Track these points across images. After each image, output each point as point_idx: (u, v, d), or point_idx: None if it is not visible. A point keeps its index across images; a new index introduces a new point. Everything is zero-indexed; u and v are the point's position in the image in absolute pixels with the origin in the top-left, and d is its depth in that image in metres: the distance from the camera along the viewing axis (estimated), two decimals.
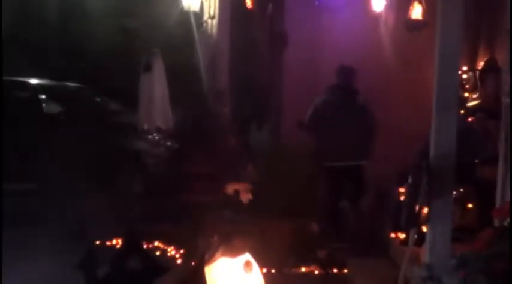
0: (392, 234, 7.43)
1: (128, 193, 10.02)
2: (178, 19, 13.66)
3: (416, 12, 9.25)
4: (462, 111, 7.25)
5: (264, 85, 12.51)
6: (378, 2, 10.08)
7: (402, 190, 7.17)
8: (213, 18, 13.06)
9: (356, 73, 8.37)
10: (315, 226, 8.48)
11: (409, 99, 9.42)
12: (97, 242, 8.05)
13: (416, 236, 5.64)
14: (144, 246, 7.49)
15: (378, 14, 10.22)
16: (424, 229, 5.79)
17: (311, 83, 9.81)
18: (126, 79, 12.82)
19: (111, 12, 16.08)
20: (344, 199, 8.52)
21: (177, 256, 7.77)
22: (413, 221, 5.52)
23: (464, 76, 8.75)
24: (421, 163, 5.38)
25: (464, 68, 8.74)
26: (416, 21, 9.25)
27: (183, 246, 7.90)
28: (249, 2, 11.97)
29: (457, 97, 5.55)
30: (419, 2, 9.18)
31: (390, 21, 10.23)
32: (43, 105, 12.36)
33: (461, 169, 5.55)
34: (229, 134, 11.11)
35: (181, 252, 7.82)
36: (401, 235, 6.99)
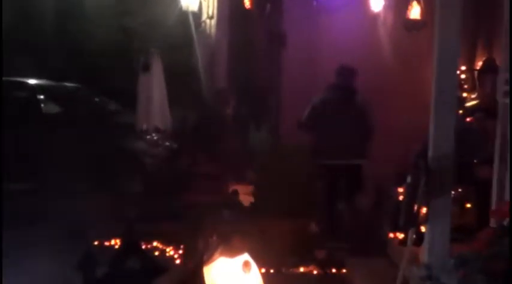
0: (391, 234, 7.43)
1: (127, 193, 10.00)
2: (177, 19, 13.65)
3: (414, 12, 9.25)
4: (461, 111, 7.25)
5: (263, 86, 12.50)
6: (377, 2, 10.08)
7: (401, 190, 7.17)
8: (211, 18, 13.06)
9: (356, 73, 8.38)
10: (314, 226, 8.48)
11: (408, 99, 9.41)
12: (96, 243, 8.04)
13: (415, 236, 5.62)
14: (142, 246, 7.50)
15: (377, 14, 10.22)
16: (422, 229, 5.79)
17: (309, 83, 9.81)
18: (125, 79, 12.82)
19: (110, 12, 16.07)
20: (341, 198, 8.53)
21: (176, 256, 7.76)
22: (412, 221, 5.51)
23: (462, 76, 8.74)
24: (420, 163, 5.38)
25: (462, 68, 8.73)
26: (414, 21, 9.26)
27: (182, 246, 7.90)
28: (247, 2, 11.97)
29: (455, 97, 5.55)
30: (417, 2, 9.18)
31: (389, 21, 10.22)
32: (42, 105, 12.37)
33: (459, 169, 5.55)
34: (230, 134, 11.09)
35: (180, 252, 7.81)
36: (400, 235, 6.99)
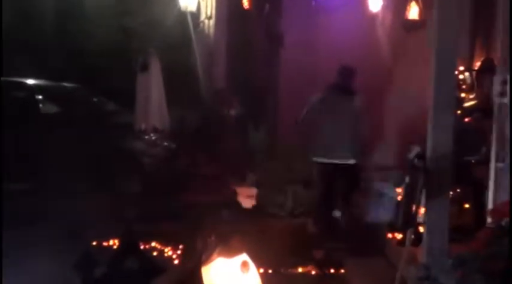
0: (389, 234, 7.43)
1: (125, 193, 10.00)
2: (176, 19, 13.66)
3: (413, 12, 9.26)
4: (459, 111, 7.24)
5: (261, 86, 12.51)
6: (375, 2, 10.09)
7: (399, 190, 7.17)
8: (210, 18, 13.08)
9: (355, 74, 8.37)
10: (312, 226, 8.48)
11: (406, 99, 9.41)
12: (94, 243, 8.03)
13: (413, 236, 5.63)
14: (141, 246, 7.48)
15: (375, 14, 10.23)
16: (421, 229, 5.79)
17: (308, 83, 9.81)
18: (123, 79, 12.82)
19: (109, 12, 16.06)
20: (339, 198, 8.53)
21: (174, 256, 7.76)
22: (410, 222, 5.52)
23: (460, 76, 8.74)
24: (418, 164, 5.39)
25: (460, 68, 8.73)
26: (413, 21, 9.26)
27: (180, 246, 7.90)
28: (245, 3, 11.97)
29: (453, 97, 5.56)
30: (416, 2, 9.19)
31: (387, 22, 10.23)
32: (40, 105, 12.35)
33: (458, 170, 5.56)
34: (232, 135, 11.12)
35: (179, 252, 7.81)
36: (398, 235, 6.99)
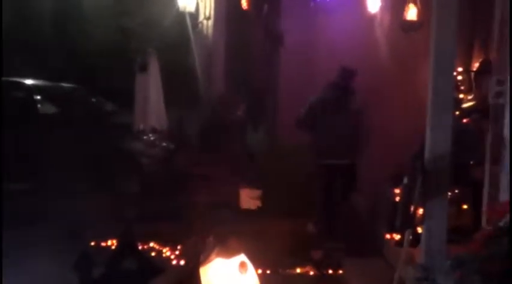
0: (387, 235, 7.43)
1: (124, 193, 10.00)
2: (174, 20, 13.65)
3: (411, 13, 9.24)
4: (457, 112, 7.25)
5: (260, 86, 12.50)
6: (373, 2, 10.08)
7: (397, 191, 7.17)
8: (208, 19, 13.06)
9: (355, 74, 8.38)
10: (312, 226, 8.48)
11: (405, 100, 9.40)
12: (92, 243, 8.03)
13: (411, 237, 5.64)
14: (139, 247, 7.49)
15: (373, 15, 10.22)
16: (419, 230, 5.80)
17: (307, 83, 9.81)
18: (122, 79, 12.81)
19: (107, 12, 16.05)
20: (337, 198, 8.53)
21: (173, 256, 7.76)
22: (408, 222, 5.52)
23: (459, 77, 8.74)
24: (416, 164, 5.39)
25: (459, 69, 8.73)
26: (411, 22, 9.25)
27: (179, 247, 7.90)
28: (244, 3, 11.96)
29: (452, 98, 5.56)
30: (414, 3, 9.18)
31: (385, 22, 10.22)
32: (38, 105, 12.35)
33: (456, 170, 5.56)
34: (236, 136, 11.10)
35: (177, 253, 7.81)
36: (397, 236, 6.99)
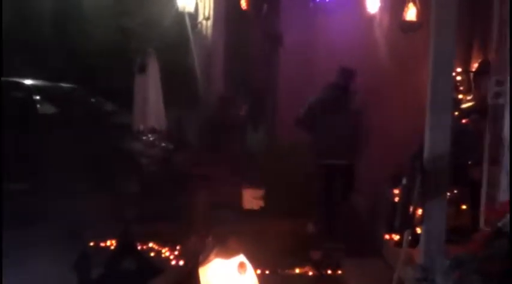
0: (386, 235, 7.43)
1: (123, 193, 10.00)
2: (174, 20, 13.64)
3: (410, 13, 9.24)
4: (456, 113, 7.25)
5: (259, 86, 12.50)
6: (373, 3, 10.08)
7: (396, 191, 7.17)
8: (207, 19, 13.05)
9: (355, 75, 8.38)
10: (311, 226, 8.48)
11: (404, 100, 9.41)
12: (91, 243, 8.03)
13: (410, 237, 5.64)
14: (138, 247, 7.49)
15: (373, 15, 10.22)
16: (418, 230, 5.80)
17: (306, 83, 9.81)
18: (121, 79, 12.80)
19: (107, 12, 16.04)
20: (337, 198, 8.53)
21: (172, 257, 7.76)
22: (407, 223, 5.52)
23: (458, 77, 8.74)
24: (415, 164, 5.39)
25: (458, 70, 8.73)
26: (410, 22, 9.24)
27: (178, 247, 7.90)
28: (243, 3, 11.96)
29: (451, 98, 5.57)
30: (413, 3, 9.17)
31: (385, 23, 10.22)
32: (38, 105, 12.35)
33: (455, 171, 5.57)
34: (237, 136, 11.12)
35: (176, 253, 7.81)
36: (396, 237, 6.99)
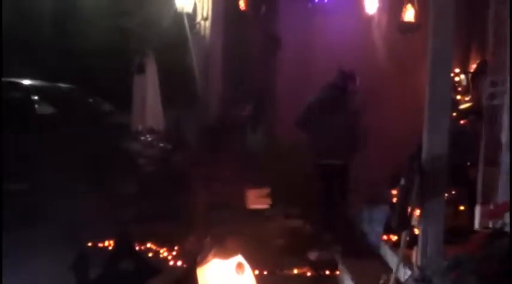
0: (384, 236, 7.44)
1: (121, 193, 9.99)
2: (172, 20, 13.62)
3: (408, 14, 9.27)
4: (454, 114, 7.26)
5: (258, 86, 12.50)
6: (371, 4, 10.10)
7: (394, 192, 7.18)
8: (206, 19, 13.03)
9: (354, 76, 8.38)
10: (309, 227, 8.49)
11: (402, 101, 9.43)
12: (89, 244, 8.03)
13: (408, 238, 5.64)
14: (136, 247, 7.49)
15: (371, 16, 10.24)
16: (416, 231, 5.80)
17: (304, 84, 9.82)
18: (120, 80, 12.80)
19: (105, 12, 16.02)
20: (334, 199, 8.54)
21: (170, 257, 7.76)
22: (405, 223, 5.52)
23: (456, 78, 8.76)
24: (414, 165, 5.39)
25: (456, 70, 8.75)
26: (408, 23, 9.27)
27: (176, 247, 7.90)
28: (242, 4, 11.95)
29: (449, 99, 5.57)
30: (411, 4, 9.19)
31: (383, 24, 10.24)
32: (36, 106, 12.34)
33: (453, 171, 5.57)
34: (236, 136, 11.11)
35: (174, 253, 7.81)
36: (394, 237, 7.00)
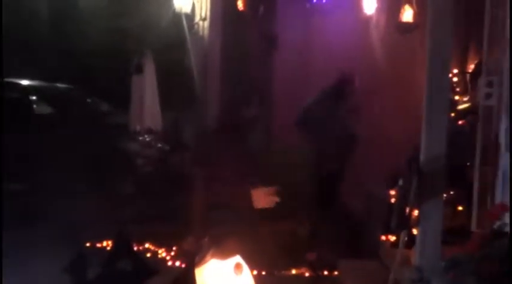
0: (382, 236, 7.44)
1: (119, 194, 9.98)
2: (170, 21, 13.62)
3: (407, 15, 9.26)
4: (453, 114, 7.27)
5: (257, 87, 12.49)
6: (369, 4, 10.09)
7: (393, 192, 7.18)
8: (204, 20, 13.02)
9: (353, 80, 8.40)
10: (307, 227, 8.48)
11: (400, 101, 9.42)
12: (87, 244, 8.02)
13: (406, 238, 5.64)
14: (134, 248, 7.48)
15: (369, 17, 10.23)
16: (414, 231, 5.80)
17: (302, 84, 9.82)
18: (118, 80, 12.79)
19: (104, 13, 16.01)
20: (332, 200, 8.55)
21: (168, 257, 7.75)
22: (403, 224, 5.52)
23: (454, 79, 8.76)
24: (412, 166, 5.39)
25: (454, 71, 8.75)
26: (407, 24, 9.26)
27: (174, 248, 7.89)
28: (240, 4, 11.95)
29: (447, 100, 5.57)
30: (410, 4, 9.19)
31: (381, 24, 10.23)
32: (34, 106, 12.33)
33: (451, 172, 5.57)
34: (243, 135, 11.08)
35: (172, 254, 7.80)
36: (392, 237, 7.00)
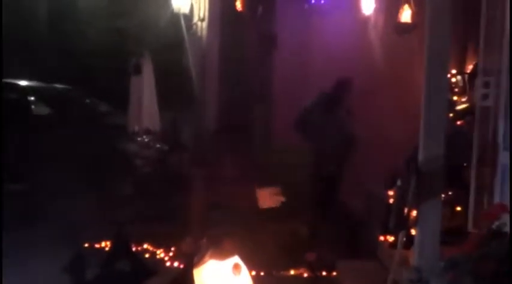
0: (381, 237, 7.44)
1: (118, 194, 9.97)
2: (169, 21, 13.62)
3: (405, 15, 9.27)
4: (451, 114, 7.27)
5: (255, 87, 12.49)
6: (368, 5, 10.10)
7: (391, 193, 7.18)
8: (202, 20, 13.03)
9: (350, 85, 8.41)
10: (306, 228, 8.49)
11: (399, 102, 9.43)
12: (86, 245, 8.01)
13: (405, 238, 5.64)
14: (133, 248, 7.48)
15: (368, 17, 10.24)
16: (412, 231, 5.80)
17: (301, 84, 9.83)
18: (116, 80, 12.78)
19: (102, 13, 16.01)
20: (330, 201, 8.56)
21: (166, 258, 7.75)
22: (402, 224, 5.52)
23: (453, 79, 8.76)
24: (410, 166, 5.39)
25: (453, 71, 8.75)
26: (405, 24, 9.27)
27: (172, 248, 7.89)
28: (239, 4, 11.95)
29: (446, 100, 5.57)
30: (408, 5, 9.20)
31: (380, 24, 10.24)
32: (32, 106, 12.32)
33: (450, 172, 5.57)
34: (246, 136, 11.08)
35: (170, 254, 7.80)
36: (390, 238, 7.00)
